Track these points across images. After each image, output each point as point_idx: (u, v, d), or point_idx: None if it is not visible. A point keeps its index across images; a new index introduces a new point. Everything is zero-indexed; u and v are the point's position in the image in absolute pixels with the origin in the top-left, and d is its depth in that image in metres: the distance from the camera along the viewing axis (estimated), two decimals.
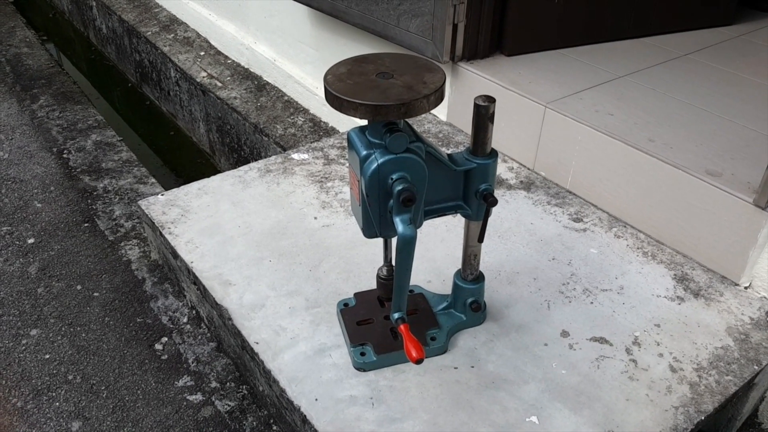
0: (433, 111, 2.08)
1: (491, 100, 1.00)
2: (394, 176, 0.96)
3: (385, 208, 0.99)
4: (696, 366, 1.18)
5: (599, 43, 2.02)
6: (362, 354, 1.17)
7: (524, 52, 1.95)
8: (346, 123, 2.51)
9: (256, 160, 2.76)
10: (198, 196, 1.66)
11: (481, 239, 1.11)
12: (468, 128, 1.95)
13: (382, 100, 0.88)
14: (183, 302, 1.58)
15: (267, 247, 1.48)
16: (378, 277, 1.17)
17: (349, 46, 2.35)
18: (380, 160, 0.94)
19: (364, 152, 0.96)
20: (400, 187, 0.93)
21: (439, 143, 1.91)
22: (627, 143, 1.49)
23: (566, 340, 1.23)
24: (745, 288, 1.34)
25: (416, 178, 0.97)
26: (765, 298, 1.32)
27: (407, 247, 0.98)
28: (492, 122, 1.02)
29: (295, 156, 1.85)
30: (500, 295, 1.34)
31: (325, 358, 1.19)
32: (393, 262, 1.13)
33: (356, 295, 1.29)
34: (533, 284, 1.37)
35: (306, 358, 1.19)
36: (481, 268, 1.21)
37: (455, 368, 1.17)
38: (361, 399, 1.11)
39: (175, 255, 1.49)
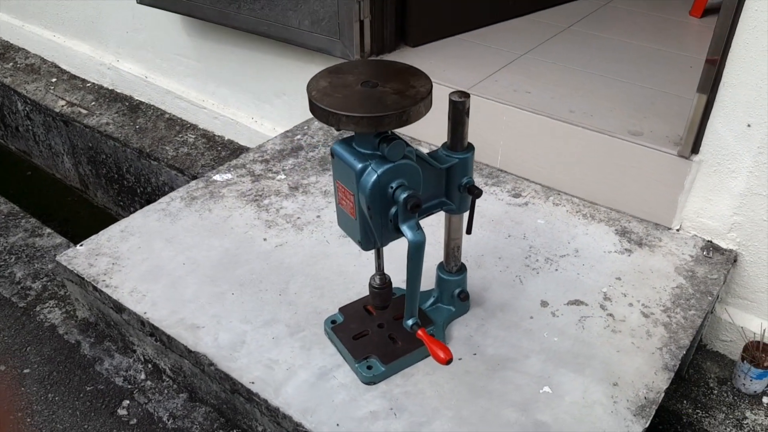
0: None
1: (465, 95, 1.05)
2: (394, 184, 0.98)
3: (386, 218, 1.01)
4: (663, 308, 1.33)
5: (490, 26, 2.15)
6: (369, 368, 1.18)
7: (427, 41, 2.03)
8: (245, 135, 2.45)
9: (144, 188, 2.60)
10: (124, 240, 1.55)
11: (469, 231, 1.16)
12: None
13: (381, 110, 0.90)
14: (134, 358, 1.48)
15: (223, 279, 1.43)
16: (372, 287, 1.18)
17: (239, 54, 2.29)
18: (379, 171, 0.96)
19: (360, 165, 0.96)
20: (405, 195, 0.95)
21: None
22: (552, 117, 1.62)
23: (547, 309, 1.34)
24: (677, 230, 1.53)
25: (414, 183, 1.00)
26: (696, 236, 1.52)
27: (419, 252, 1.01)
28: (468, 116, 1.07)
29: (218, 177, 1.78)
30: (474, 279, 1.41)
31: (330, 381, 1.19)
32: (385, 270, 1.16)
33: (341, 310, 1.30)
34: (500, 263, 1.46)
35: (311, 386, 1.18)
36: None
37: (459, 359, 1.22)
38: (382, 413, 1.13)
39: (120, 308, 1.39)
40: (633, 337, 1.27)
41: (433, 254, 1.29)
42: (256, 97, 2.38)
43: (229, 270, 1.45)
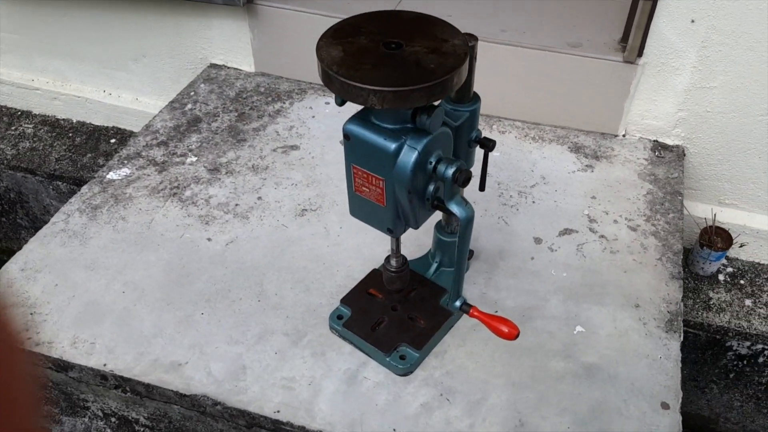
0: (233, 63, 1.86)
1: (474, 37, 0.95)
2: (433, 159, 0.87)
3: (424, 197, 0.91)
4: (644, 218, 1.39)
5: None
6: (402, 358, 1.10)
7: None
8: (100, 112, 2.10)
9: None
10: (31, 280, 1.27)
11: (482, 187, 1.09)
12: (286, 73, 1.81)
13: (429, 78, 0.77)
14: (88, 416, 1.25)
15: (182, 300, 1.23)
16: (388, 270, 1.08)
17: (75, 16, 1.91)
18: (419, 148, 0.84)
19: (394, 145, 0.84)
20: (453, 169, 0.85)
21: (269, 98, 1.74)
22: (485, 40, 1.55)
23: (543, 246, 1.33)
24: (623, 136, 1.59)
25: (447, 151, 0.90)
26: (642, 138, 1.58)
27: (470, 227, 0.92)
28: (476, 61, 0.98)
29: (113, 175, 1.51)
30: None
31: (363, 383, 1.09)
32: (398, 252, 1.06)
33: (344, 301, 1.18)
34: (478, 208, 1.41)
35: (345, 395, 1.08)
36: None
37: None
38: (434, 402, 1.07)
39: (67, 366, 1.15)
40: (631, 254, 1.31)
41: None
42: (104, 65, 2.03)
43: (184, 286, 1.25)
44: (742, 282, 1.61)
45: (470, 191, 1.12)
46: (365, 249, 1.33)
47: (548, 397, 1.07)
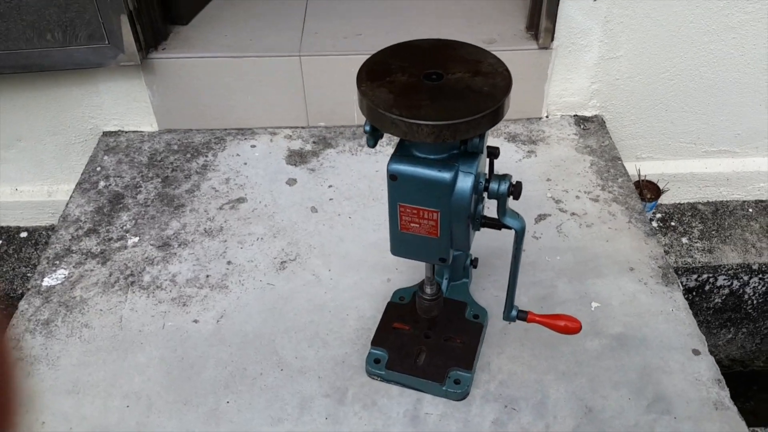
0: (131, 126, 1.72)
1: None
2: (482, 179, 0.88)
3: (475, 219, 0.92)
4: (600, 187, 1.51)
5: None
6: (457, 382, 1.10)
7: (196, 13, 1.75)
8: None
9: None
10: None
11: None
12: (195, 124, 1.71)
13: (489, 103, 0.78)
14: None
15: (198, 394, 1.13)
16: (423, 299, 1.07)
17: None
18: (473, 171, 0.85)
19: (449, 174, 0.84)
20: (507, 184, 0.87)
21: (187, 155, 1.64)
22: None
23: (528, 236, 1.39)
24: (547, 117, 1.71)
25: (483, 167, 0.92)
26: (564, 116, 1.71)
27: (523, 238, 0.94)
28: None
29: (50, 281, 1.34)
30: None
31: (428, 420, 1.08)
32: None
33: (376, 344, 1.15)
34: None
35: None
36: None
37: (509, 324, 1.22)
38: (503, 415, 1.08)
39: None
40: (604, 223, 1.42)
41: None
42: None
43: (193, 379, 1.15)
44: (673, 224, 1.81)
45: None
46: (364, 285, 1.30)
47: (598, 377, 1.13)
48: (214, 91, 1.65)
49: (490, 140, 1.64)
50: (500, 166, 1.52)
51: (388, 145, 1.64)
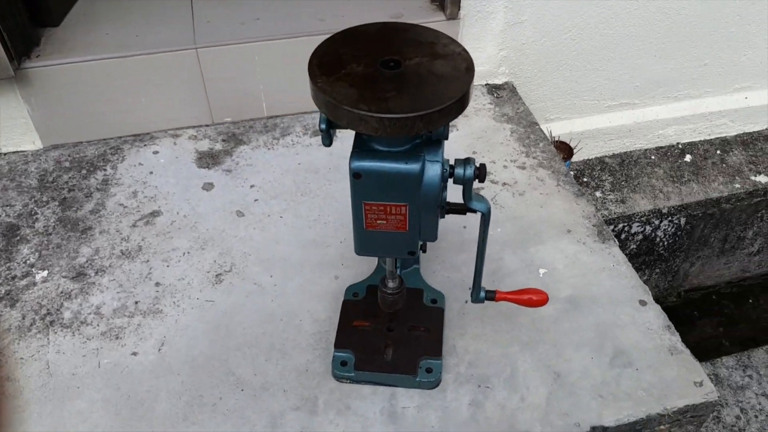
0: (8, 147, 1.55)
1: None
2: (446, 166, 0.87)
3: (441, 208, 0.90)
4: (524, 154, 1.54)
5: None
6: (429, 370, 1.09)
7: (66, 11, 1.59)
8: None
9: None
10: None
11: None
12: (85, 136, 1.56)
13: (462, 84, 0.76)
14: None
15: (155, 431, 1.05)
16: (386, 293, 1.05)
17: None
18: (440, 158, 0.83)
19: (416, 165, 0.81)
20: (472, 168, 0.86)
21: (83, 171, 1.50)
22: (303, 34, 1.53)
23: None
24: None
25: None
26: (475, 85, 1.73)
27: (489, 220, 0.94)
28: None
29: None
30: None
31: (407, 413, 1.07)
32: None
33: (339, 346, 1.12)
34: None
35: None
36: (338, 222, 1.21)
37: (466, 302, 1.23)
38: (478, 395, 1.09)
39: None
40: (535, 189, 1.46)
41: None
42: None
43: (146, 416, 1.07)
44: (585, 180, 1.90)
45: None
46: (312, 286, 1.26)
47: (559, 341, 1.17)
48: (103, 97, 1.51)
49: None
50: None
51: (305, 135, 1.59)
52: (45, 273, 1.28)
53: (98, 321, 1.20)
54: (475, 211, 0.91)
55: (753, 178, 1.89)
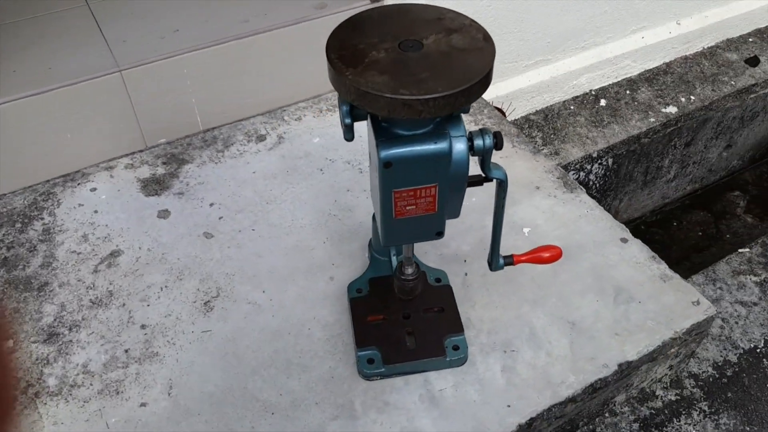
0: None
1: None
2: (468, 138, 0.87)
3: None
4: (474, 121, 1.58)
5: None
6: (456, 348, 1.10)
7: None
8: None
9: None
10: None
11: None
12: (12, 186, 1.42)
13: (487, 55, 0.76)
14: None
15: None
16: (401, 279, 1.05)
17: None
18: (463, 132, 0.84)
19: (444, 144, 0.81)
20: (489, 136, 0.87)
21: (17, 225, 1.36)
22: (229, 39, 1.47)
23: None
24: None
25: None
26: None
27: (507, 187, 0.95)
28: None
29: None
30: (356, 226, 1.35)
31: (445, 395, 1.07)
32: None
33: (360, 345, 1.10)
34: (339, 207, 1.41)
35: (443, 417, 1.04)
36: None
37: (466, 274, 1.24)
38: (507, 360, 1.11)
39: None
40: (495, 154, 1.49)
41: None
42: None
43: None
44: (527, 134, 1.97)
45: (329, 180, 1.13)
46: (310, 293, 1.23)
47: (563, 292, 1.22)
48: (22, 141, 1.38)
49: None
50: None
51: (249, 142, 1.53)
52: (10, 343, 1.16)
53: (90, 380, 1.10)
54: (492, 180, 0.93)
55: (663, 110, 2.04)
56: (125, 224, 1.36)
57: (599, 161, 1.98)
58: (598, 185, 2.06)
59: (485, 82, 0.73)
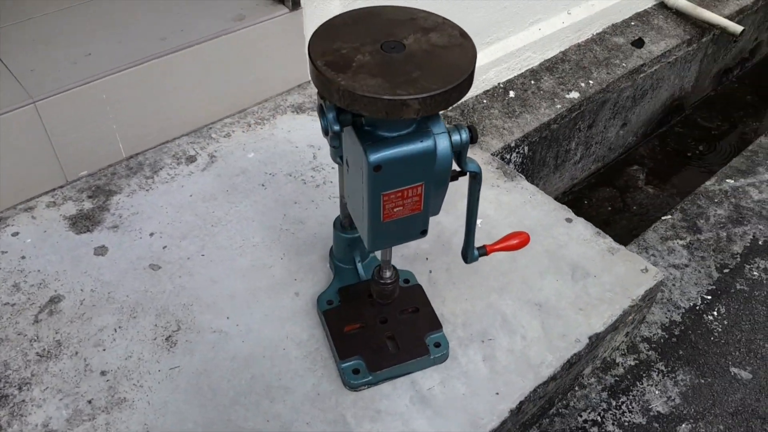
0: None
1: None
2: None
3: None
4: None
5: None
6: (437, 345, 1.11)
7: None
8: None
9: None
10: None
11: None
12: None
13: (470, 52, 0.77)
14: None
15: None
16: (380, 284, 1.05)
17: None
18: (445, 129, 0.85)
19: (428, 142, 0.82)
20: (466, 133, 0.88)
21: None
22: (147, 60, 1.41)
23: None
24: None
25: None
26: None
27: (481, 180, 0.97)
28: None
29: None
30: (318, 231, 1.33)
31: (434, 393, 1.08)
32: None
33: (343, 357, 1.09)
34: (311, 206, 1.39)
35: (436, 415, 1.05)
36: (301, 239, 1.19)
37: (430, 272, 1.26)
38: (486, 350, 1.13)
39: None
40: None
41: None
42: None
43: None
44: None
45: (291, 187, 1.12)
46: (277, 311, 1.19)
47: (525, 276, 1.26)
48: None
49: (280, 116, 1.58)
50: (309, 140, 1.49)
51: (179, 165, 1.46)
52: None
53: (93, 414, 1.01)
54: (467, 173, 0.94)
55: (567, 96, 2.16)
56: (59, 267, 1.26)
57: (516, 150, 2.07)
58: (519, 171, 2.15)
59: (472, 77, 0.75)
